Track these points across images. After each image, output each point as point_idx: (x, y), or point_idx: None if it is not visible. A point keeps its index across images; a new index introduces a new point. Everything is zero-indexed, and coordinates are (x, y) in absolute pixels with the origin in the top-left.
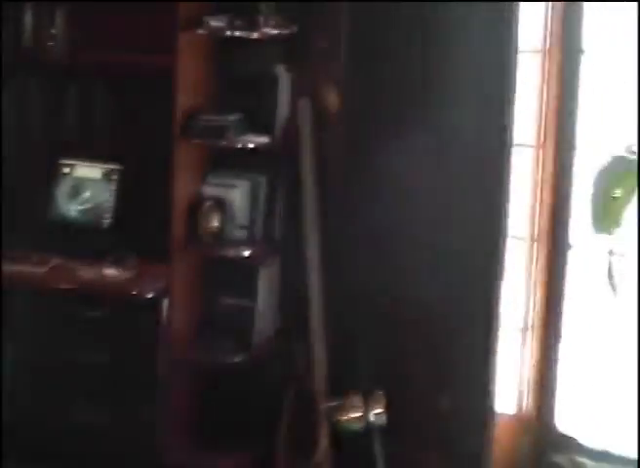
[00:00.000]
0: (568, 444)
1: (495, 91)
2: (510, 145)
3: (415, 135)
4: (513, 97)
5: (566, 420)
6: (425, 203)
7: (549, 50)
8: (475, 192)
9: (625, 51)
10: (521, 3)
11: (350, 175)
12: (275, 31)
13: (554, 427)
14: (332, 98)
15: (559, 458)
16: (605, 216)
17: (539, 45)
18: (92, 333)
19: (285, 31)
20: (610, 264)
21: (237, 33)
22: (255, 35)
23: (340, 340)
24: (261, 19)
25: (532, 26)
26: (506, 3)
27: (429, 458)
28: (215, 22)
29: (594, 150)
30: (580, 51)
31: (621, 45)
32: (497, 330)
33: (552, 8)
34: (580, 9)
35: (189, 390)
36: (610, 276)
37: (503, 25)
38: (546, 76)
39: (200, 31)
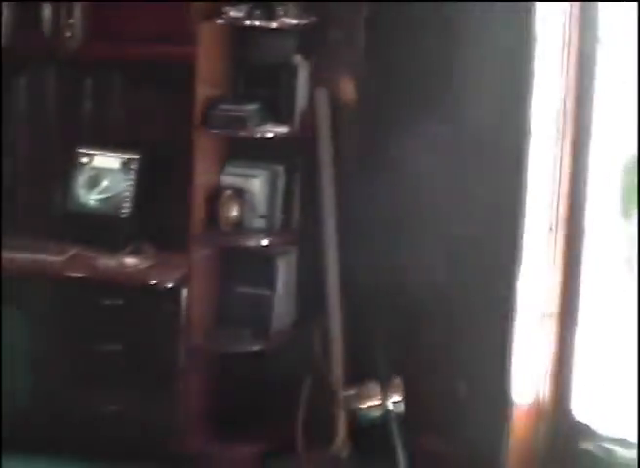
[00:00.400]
0: (585, 431)
1: (513, 79)
2: (529, 132)
3: (431, 122)
4: (531, 84)
5: (583, 408)
6: (442, 190)
7: (568, 39)
8: (493, 179)
9: None
10: None
11: (366, 163)
12: (294, 21)
13: (571, 415)
14: (349, 88)
15: (588, 446)
16: (631, 202)
17: (557, 35)
18: (111, 322)
19: (303, 21)
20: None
21: (256, 23)
22: (273, 25)
23: (357, 329)
24: (280, 9)
25: (551, 16)
26: None
27: (447, 446)
28: (234, 12)
29: (613, 138)
30: (597, 40)
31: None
32: (514, 317)
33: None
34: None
35: (207, 378)
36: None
37: (522, 13)
38: (565, 66)
39: (219, 21)
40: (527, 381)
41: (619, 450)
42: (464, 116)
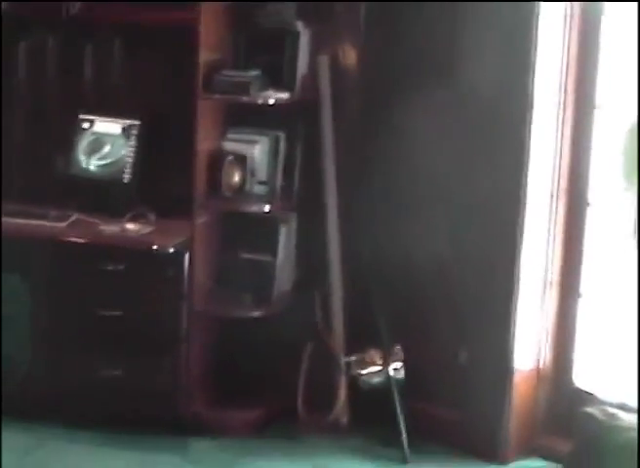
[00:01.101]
0: (586, 397)
1: (516, 46)
2: (531, 100)
3: (434, 89)
4: (534, 51)
5: (584, 375)
6: (444, 157)
7: (571, 7)
8: (496, 149)
9: None
10: None
11: (368, 130)
12: None
13: (572, 381)
14: (350, 54)
15: (591, 409)
16: (632, 170)
17: (561, 3)
18: (112, 287)
19: None
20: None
21: None
22: None
23: (358, 295)
24: None
25: None
26: None
27: (448, 413)
28: None
29: (615, 107)
30: (601, 10)
31: None
32: (517, 285)
33: None
34: None
35: (208, 343)
36: (636, 231)
37: None
38: (568, 34)
39: None
40: (528, 348)
41: (621, 414)
42: (467, 84)
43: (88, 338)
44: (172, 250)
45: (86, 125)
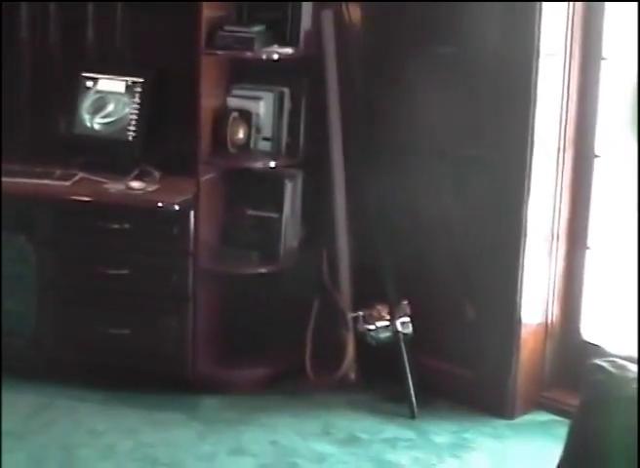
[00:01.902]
0: (594, 350)
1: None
2: (537, 52)
3: (438, 44)
4: (540, 4)
5: (592, 328)
6: (449, 110)
7: None
8: (501, 101)
9: None
10: None
11: (372, 85)
12: None
13: (580, 334)
14: (354, 9)
15: (600, 361)
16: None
17: None
18: (118, 246)
19: None
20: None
21: None
22: None
23: (364, 251)
24: None
25: None
26: None
27: (455, 368)
28: None
29: (622, 58)
30: None
31: None
32: (523, 238)
33: None
34: None
35: (216, 301)
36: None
37: None
38: None
39: None
40: (536, 302)
41: (630, 365)
42: (471, 37)
43: (94, 298)
44: (177, 207)
45: (89, 83)
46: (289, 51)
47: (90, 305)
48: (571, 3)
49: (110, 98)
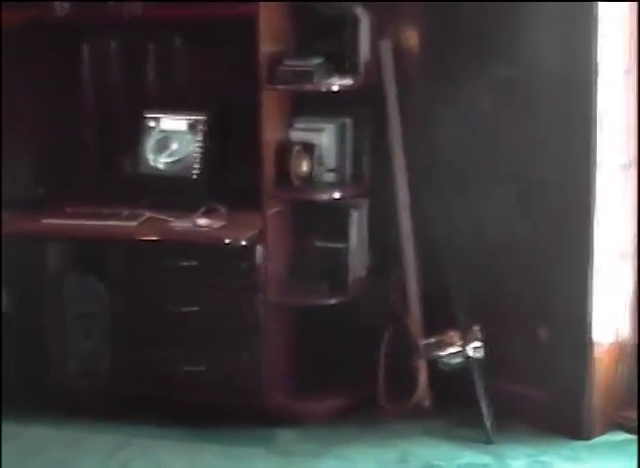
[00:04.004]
0: None
1: (578, 16)
2: (596, 69)
3: (497, 66)
4: (597, 20)
5: None
6: (511, 134)
7: None
8: (563, 121)
9: None
10: None
11: (433, 112)
12: None
13: None
14: (412, 37)
15: None
16: None
17: None
18: (187, 284)
19: None
20: None
21: None
22: None
23: (433, 277)
24: None
25: None
26: None
27: (530, 390)
28: None
29: None
30: None
31: None
32: (592, 257)
33: None
34: None
35: (286, 334)
36: None
37: None
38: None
39: None
40: (608, 321)
41: None
42: (530, 58)
43: (167, 335)
44: (244, 242)
45: (152, 123)
46: (349, 81)
47: (163, 343)
48: (629, 19)
49: (174, 137)
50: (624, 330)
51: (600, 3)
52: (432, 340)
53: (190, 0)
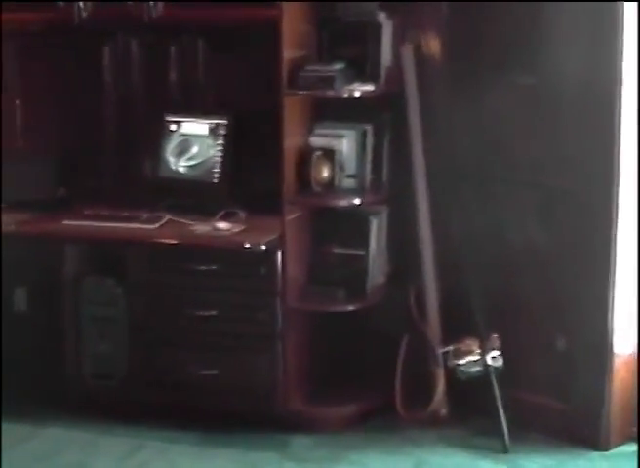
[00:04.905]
0: None
1: (602, 26)
2: (621, 85)
3: (520, 74)
4: (621, 30)
5: None
6: (533, 142)
7: None
8: (586, 130)
9: None
10: None
11: (455, 118)
12: None
13: None
14: (434, 43)
15: None
16: None
17: None
18: (206, 287)
19: None
20: None
21: None
22: None
23: (452, 285)
24: None
25: None
26: None
27: (548, 400)
28: None
29: None
30: None
31: None
32: (613, 268)
33: None
34: None
35: (304, 339)
36: None
37: None
38: None
39: None
40: (627, 332)
41: None
42: (553, 66)
43: (185, 339)
44: (264, 247)
45: (173, 126)
46: (370, 87)
47: (180, 347)
48: None
49: (194, 141)
50: None
51: (626, 12)
52: (450, 348)
53: (213, 2)
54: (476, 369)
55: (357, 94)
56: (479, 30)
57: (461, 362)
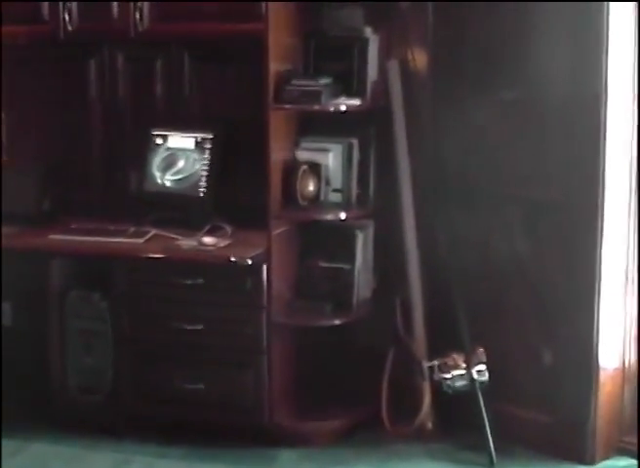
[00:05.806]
0: None
1: (587, 41)
2: (605, 97)
3: (505, 88)
4: (606, 45)
5: None
6: (518, 156)
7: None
8: (570, 143)
9: None
10: None
11: (441, 132)
12: None
13: None
14: (420, 57)
15: None
16: None
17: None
18: (192, 301)
19: None
20: None
21: None
22: None
23: (438, 299)
24: None
25: None
26: None
27: (533, 414)
28: None
29: None
30: None
31: None
32: (598, 282)
33: None
34: None
35: (290, 354)
36: None
37: None
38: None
39: None
40: (613, 346)
41: None
42: (538, 80)
43: (170, 353)
44: (249, 261)
45: (159, 141)
46: (356, 102)
47: (165, 360)
48: (636, 42)
49: (180, 155)
50: (629, 354)
51: (610, 24)
52: (436, 362)
53: (199, 16)
54: (462, 383)
55: (343, 108)
56: (464, 45)
57: (447, 376)
